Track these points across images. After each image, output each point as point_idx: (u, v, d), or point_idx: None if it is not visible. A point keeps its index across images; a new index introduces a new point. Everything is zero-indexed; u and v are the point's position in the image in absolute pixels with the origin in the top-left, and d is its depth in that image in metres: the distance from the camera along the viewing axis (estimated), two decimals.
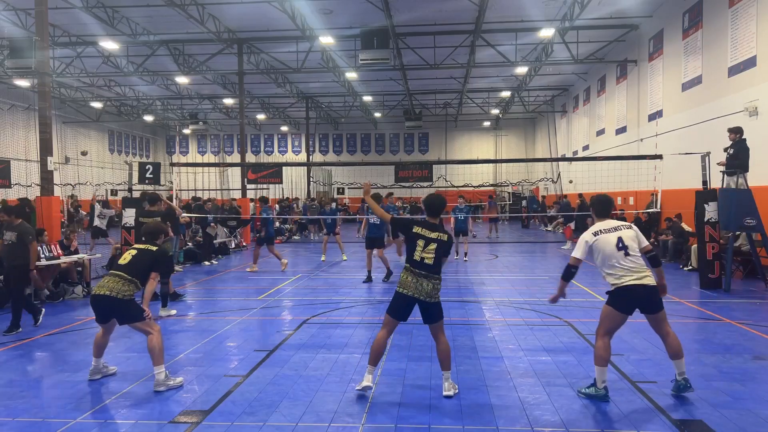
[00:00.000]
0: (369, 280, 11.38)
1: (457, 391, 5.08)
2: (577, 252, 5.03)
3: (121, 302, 5.30)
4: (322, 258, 15.29)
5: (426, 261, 5.01)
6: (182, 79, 26.28)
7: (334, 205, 21.11)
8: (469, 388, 5.22)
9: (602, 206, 5.25)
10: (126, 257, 5.61)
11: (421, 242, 5.05)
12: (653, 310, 4.97)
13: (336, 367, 5.88)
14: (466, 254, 15.05)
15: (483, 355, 6.27)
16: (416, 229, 5.12)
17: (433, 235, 5.08)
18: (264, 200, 14.82)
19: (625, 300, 4.89)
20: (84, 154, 32.29)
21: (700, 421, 4.46)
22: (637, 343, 6.65)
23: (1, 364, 6.22)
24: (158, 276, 5.65)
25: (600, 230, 5.02)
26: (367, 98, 32.39)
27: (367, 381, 5.03)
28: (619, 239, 4.93)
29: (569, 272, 5.04)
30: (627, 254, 4.88)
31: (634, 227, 5.10)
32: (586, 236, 5.05)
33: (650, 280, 4.90)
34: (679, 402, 4.84)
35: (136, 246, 5.83)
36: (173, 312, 8.65)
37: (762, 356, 6.16)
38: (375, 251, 11.56)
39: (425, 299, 4.99)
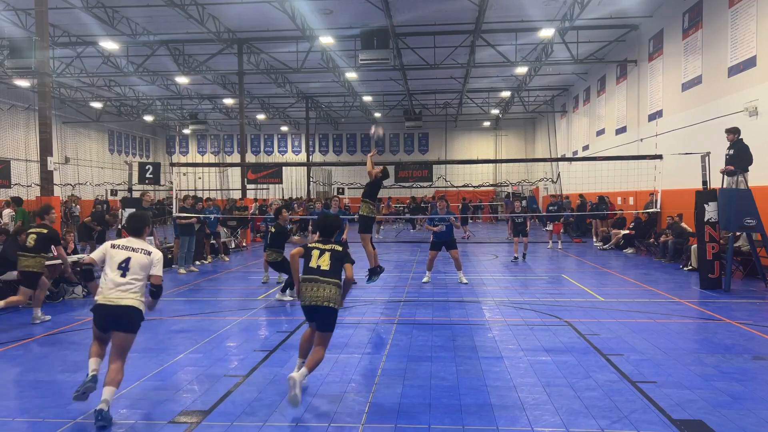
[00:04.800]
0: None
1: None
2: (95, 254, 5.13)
3: None
4: None
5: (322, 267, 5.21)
6: (182, 79, 26.29)
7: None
8: (469, 388, 5.22)
9: (134, 223, 5.17)
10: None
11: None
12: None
13: (336, 367, 5.88)
14: (461, 279, 11.41)
15: (483, 355, 6.27)
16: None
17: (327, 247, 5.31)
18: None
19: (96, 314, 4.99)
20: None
21: (700, 421, 4.45)
22: (637, 343, 6.66)
23: (1, 364, 6.22)
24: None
25: (119, 245, 5.00)
26: (367, 98, 32.41)
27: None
28: (128, 259, 4.89)
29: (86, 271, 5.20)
30: (124, 275, 4.85)
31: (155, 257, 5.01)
32: (108, 244, 5.09)
33: (127, 301, 4.83)
34: (679, 402, 4.84)
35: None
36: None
37: (762, 356, 6.16)
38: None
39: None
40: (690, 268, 12.57)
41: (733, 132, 10.80)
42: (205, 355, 6.42)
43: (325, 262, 5.17)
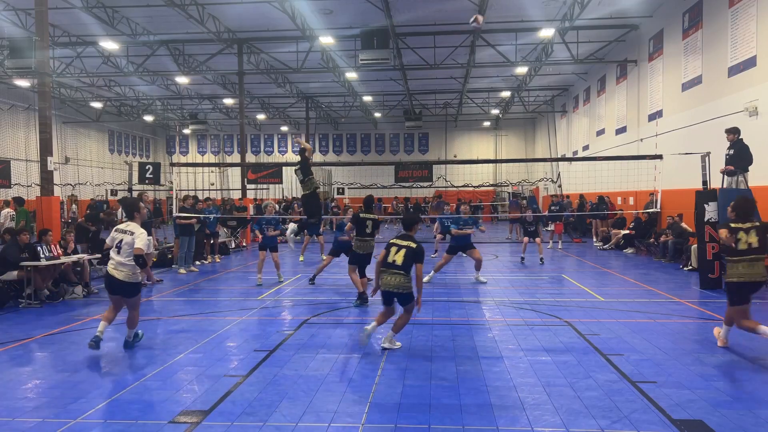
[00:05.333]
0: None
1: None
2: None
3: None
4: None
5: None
6: (182, 79, 26.28)
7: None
8: (469, 388, 5.22)
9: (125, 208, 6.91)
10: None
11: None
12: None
13: (336, 367, 5.88)
14: (479, 278, 11.62)
15: (483, 355, 6.27)
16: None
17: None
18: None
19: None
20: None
21: (700, 421, 4.46)
22: (637, 343, 6.66)
23: (1, 364, 6.22)
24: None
25: (120, 229, 6.57)
26: (367, 98, 32.40)
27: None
28: (121, 240, 6.37)
29: None
30: (119, 253, 6.35)
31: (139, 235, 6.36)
32: (114, 229, 6.74)
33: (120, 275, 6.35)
34: (679, 402, 4.84)
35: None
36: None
37: (762, 356, 6.16)
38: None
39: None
40: (690, 268, 12.57)
41: (733, 132, 10.80)
42: (205, 355, 6.42)
43: (399, 258, 6.43)
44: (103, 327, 6.48)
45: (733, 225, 6.31)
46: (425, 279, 11.31)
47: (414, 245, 6.48)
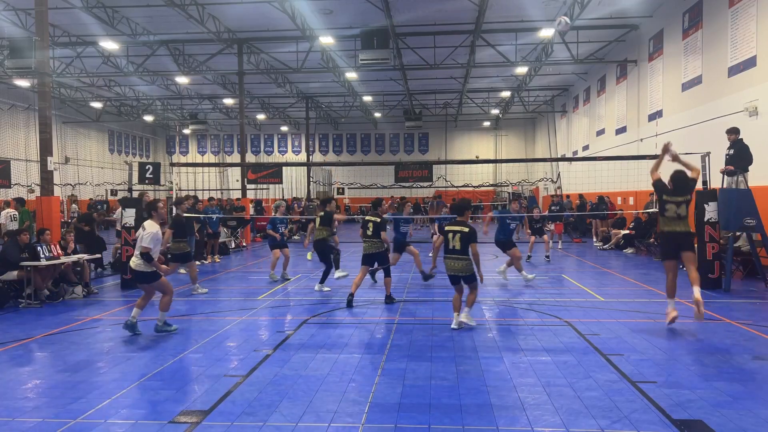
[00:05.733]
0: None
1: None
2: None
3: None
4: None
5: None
6: (182, 79, 26.29)
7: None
8: (469, 388, 5.22)
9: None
10: None
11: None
12: None
13: (336, 367, 5.88)
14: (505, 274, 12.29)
15: (483, 355, 6.27)
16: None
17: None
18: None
19: None
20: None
21: (700, 421, 4.45)
22: (637, 343, 6.66)
23: (1, 364, 6.22)
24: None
25: (141, 226, 7.45)
26: (367, 98, 32.41)
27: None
28: (138, 236, 7.40)
29: None
30: (135, 247, 7.35)
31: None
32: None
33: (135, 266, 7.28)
34: (679, 402, 4.84)
35: None
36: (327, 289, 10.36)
37: (762, 356, 6.16)
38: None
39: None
40: None
41: (734, 132, 10.81)
42: (205, 355, 6.42)
43: (457, 243, 7.27)
44: (136, 313, 7.36)
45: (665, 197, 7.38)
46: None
47: (466, 229, 7.31)
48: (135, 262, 7.30)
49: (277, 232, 12.35)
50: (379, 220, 9.26)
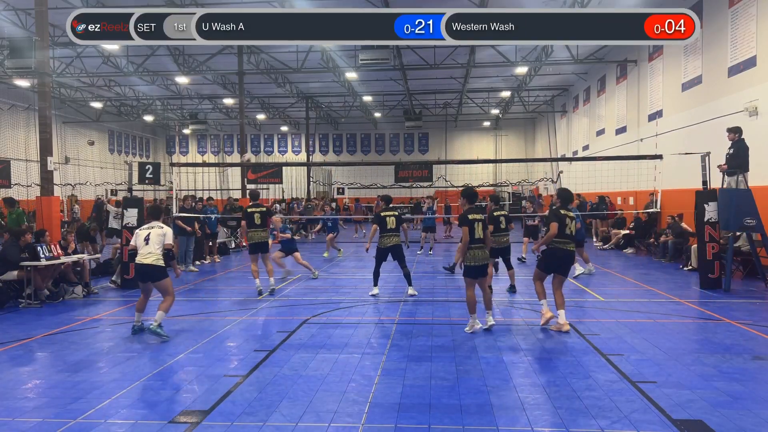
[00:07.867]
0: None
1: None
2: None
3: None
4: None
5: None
6: (182, 79, 26.28)
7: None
8: (469, 388, 5.22)
9: (151, 211, 7.93)
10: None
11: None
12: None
13: (336, 367, 5.88)
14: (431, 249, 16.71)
15: (483, 355, 6.27)
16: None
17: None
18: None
19: None
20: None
21: (700, 421, 4.45)
22: (637, 343, 6.66)
23: (1, 364, 6.22)
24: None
25: (144, 226, 7.58)
26: (367, 98, 32.39)
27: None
28: (149, 234, 7.33)
29: None
30: (147, 244, 7.26)
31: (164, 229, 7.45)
32: (137, 230, 7.63)
33: (149, 260, 7.22)
34: (679, 402, 4.84)
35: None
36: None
37: (762, 356, 6.16)
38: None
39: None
40: (690, 268, 12.56)
41: (735, 132, 10.76)
42: (205, 355, 6.42)
43: (480, 232, 7.21)
44: (138, 317, 7.47)
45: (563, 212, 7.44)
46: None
47: (482, 216, 7.44)
48: (155, 257, 7.24)
49: (284, 232, 12.25)
50: (398, 213, 9.84)
